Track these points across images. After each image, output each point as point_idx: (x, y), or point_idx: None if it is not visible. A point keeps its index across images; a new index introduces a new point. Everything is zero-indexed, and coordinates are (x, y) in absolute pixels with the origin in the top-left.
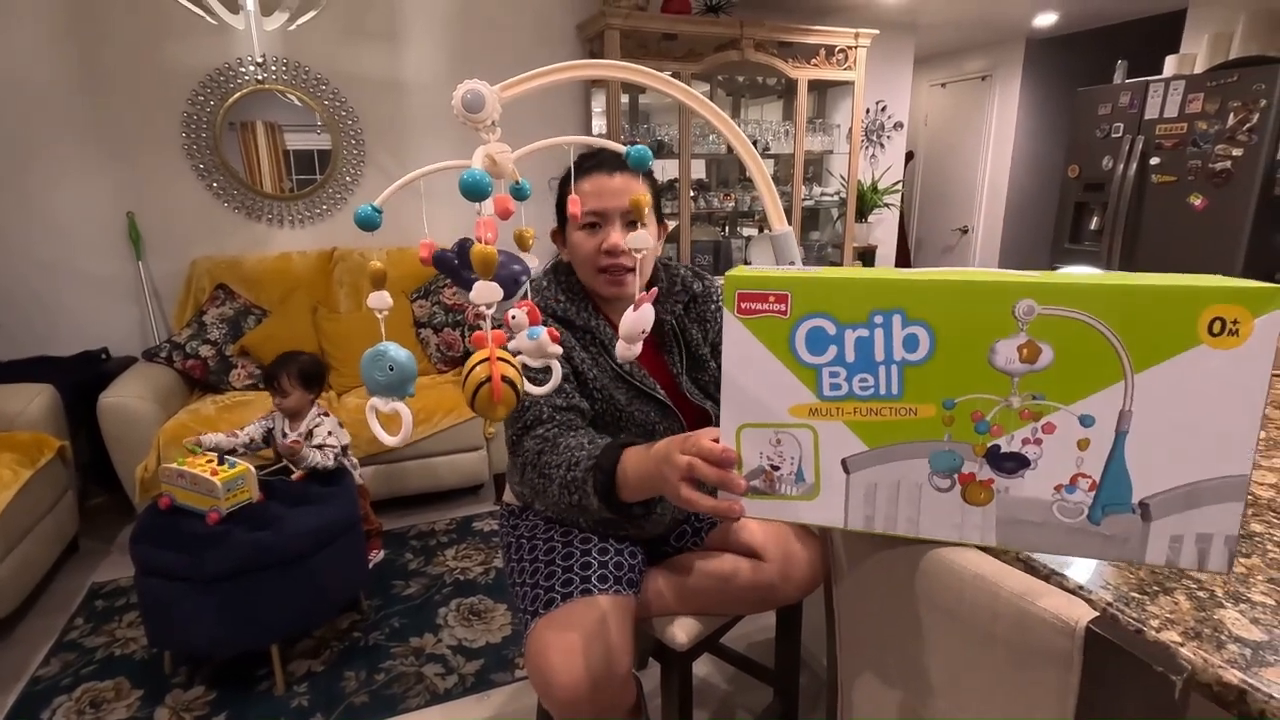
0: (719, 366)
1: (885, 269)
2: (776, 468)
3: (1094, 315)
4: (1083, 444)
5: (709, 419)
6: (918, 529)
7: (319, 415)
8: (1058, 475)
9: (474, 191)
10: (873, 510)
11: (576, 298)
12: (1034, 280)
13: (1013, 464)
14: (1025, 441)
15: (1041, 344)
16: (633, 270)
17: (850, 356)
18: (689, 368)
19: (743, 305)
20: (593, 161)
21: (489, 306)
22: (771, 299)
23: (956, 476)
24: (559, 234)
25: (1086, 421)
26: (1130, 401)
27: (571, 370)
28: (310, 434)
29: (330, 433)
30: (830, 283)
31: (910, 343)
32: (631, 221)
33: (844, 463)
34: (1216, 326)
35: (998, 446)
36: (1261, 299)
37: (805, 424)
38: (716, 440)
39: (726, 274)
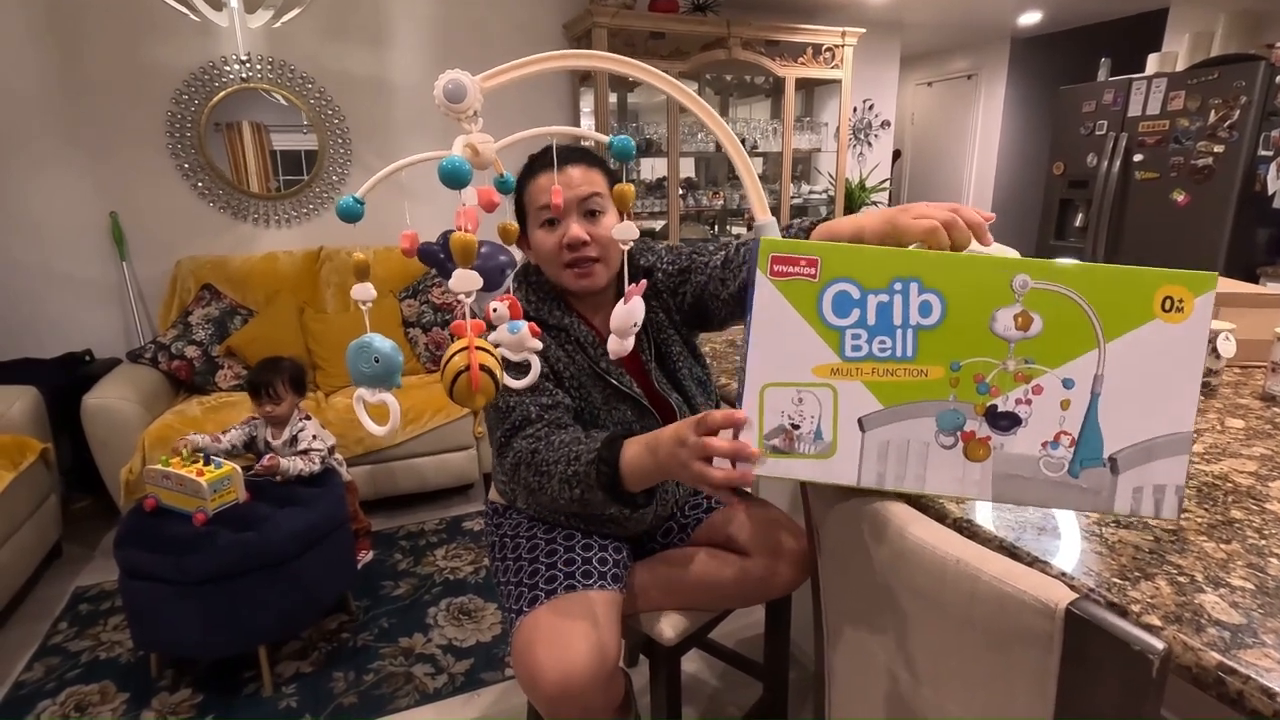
0: (685, 344)
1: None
2: (797, 426)
3: (1075, 290)
4: (1064, 404)
5: (674, 414)
6: (924, 485)
7: (301, 420)
8: (1044, 433)
9: (452, 178)
10: (884, 468)
11: (548, 297)
12: (1028, 260)
13: (1007, 422)
14: (1018, 401)
15: (1033, 314)
16: (599, 260)
17: (871, 320)
18: (656, 356)
19: (775, 268)
20: (546, 159)
21: (468, 295)
22: (803, 263)
23: (960, 434)
24: (523, 237)
25: (1068, 384)
26: (1102, 366)
27: (550, 370)
28: (295, 439)
29: (315, 436)
30: (858, 250)
31: (925, 309)
32: (589, 211)
33: (860, 421)
34: (1167, 304)
35: (995, 406)
36: (1200, 282)
37: (827, 383)
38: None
39: (761, 239)
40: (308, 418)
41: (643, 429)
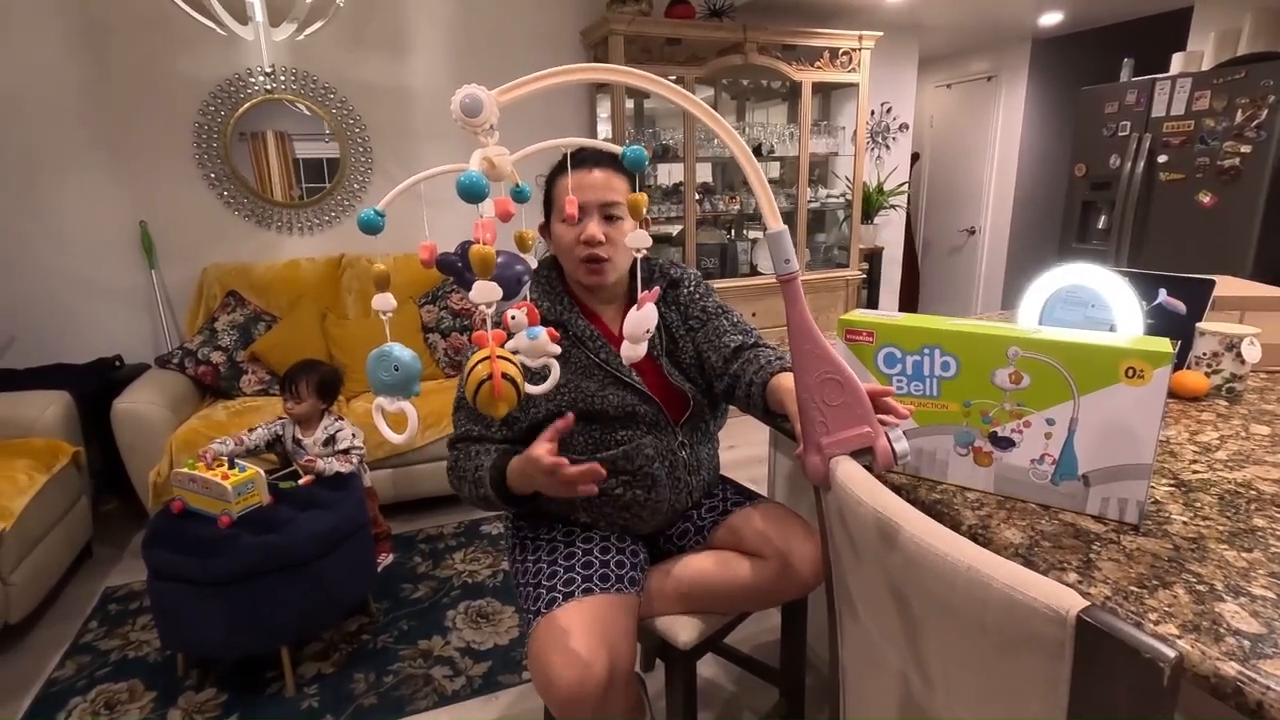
0: (694, 345)
1: (932, 318)
2: None
3: (1054, 359)
4: (1048, 435)
5: (687, 401)
6: (946, 476)
7: (336, 421)
8: (1032, 453)
9: (471, 193)
10: (919, 462)
11: (553, 293)
12: (1021, 334)
13: (1005, 444)
14: (1013, 431)
15: (1023, 374)
16: (609, 261)
17: (909, 371)
18: (668, 350)
19: (849, 336)
20: (577, 158)
21: (488, 306)
22: (864, 333)
23: (971, 448)
24: (545, 227)
25: (1050, 422)
26: (1077, 413)
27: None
28: (333, 439)
29: (354, 434)
30: (898, 326)
31: (945, 366)
32: (609, 216)
33: (904, 433)
34: (1130, 372)
35: (996, 432)
36: (1158, 358)
37: None
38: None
39: (840, 317)
40: (341, 419)
41: (645, 412)
